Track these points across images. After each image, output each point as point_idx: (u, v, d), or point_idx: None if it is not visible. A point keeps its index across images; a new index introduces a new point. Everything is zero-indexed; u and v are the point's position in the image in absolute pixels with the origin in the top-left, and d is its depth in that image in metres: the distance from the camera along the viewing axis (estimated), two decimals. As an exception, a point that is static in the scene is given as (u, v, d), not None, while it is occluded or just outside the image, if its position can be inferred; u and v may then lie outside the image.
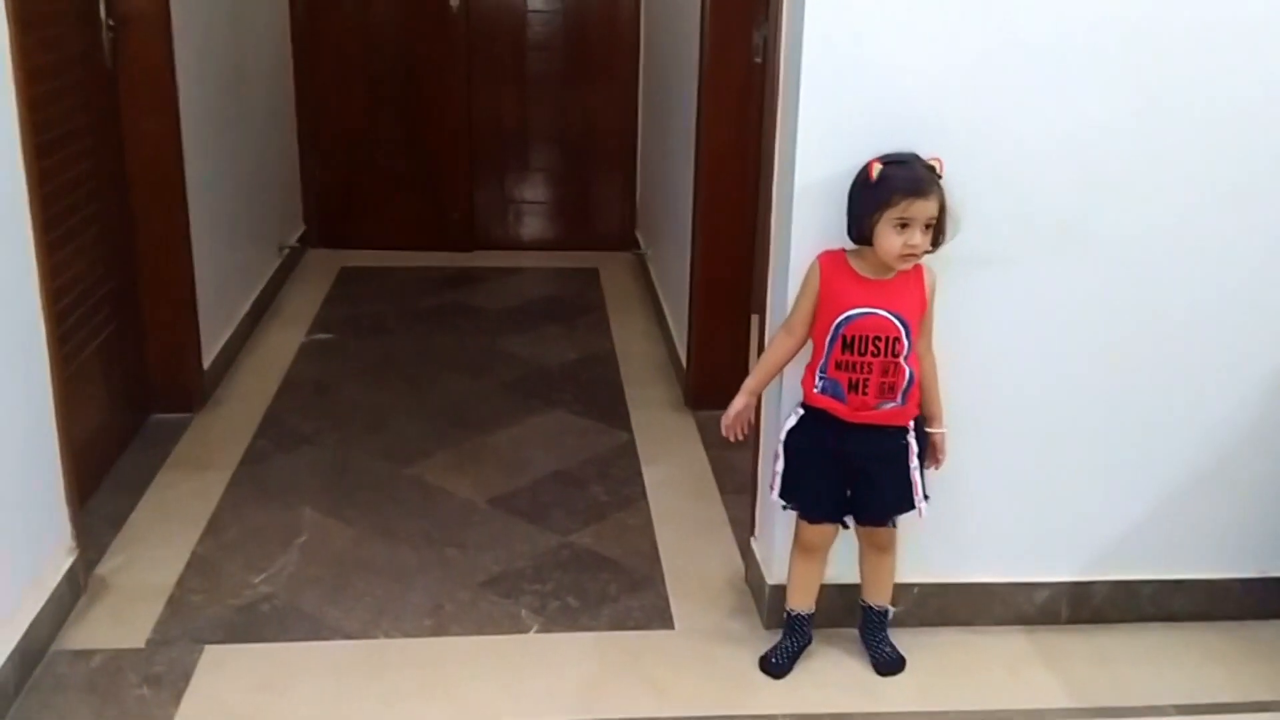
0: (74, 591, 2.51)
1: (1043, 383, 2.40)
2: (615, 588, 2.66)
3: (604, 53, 5.19)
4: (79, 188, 2.91)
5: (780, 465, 2.29)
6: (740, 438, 2.35)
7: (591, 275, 5.02)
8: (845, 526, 2.33)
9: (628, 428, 3.51)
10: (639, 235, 5.18)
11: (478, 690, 2.30)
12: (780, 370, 2.31)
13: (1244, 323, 2.40)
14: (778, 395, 2.40)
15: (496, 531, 2.88)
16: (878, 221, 2.10)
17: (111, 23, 3.09)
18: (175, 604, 2.53)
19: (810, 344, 2.24)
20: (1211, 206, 2.31)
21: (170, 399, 3.43)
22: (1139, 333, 2.39)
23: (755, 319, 2.61)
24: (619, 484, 3.16)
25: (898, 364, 2.16)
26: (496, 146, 5.27)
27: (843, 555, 2.40)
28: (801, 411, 2.27)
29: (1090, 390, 2.41)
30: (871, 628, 2.42)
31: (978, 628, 2.53)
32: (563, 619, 2.53)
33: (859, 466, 2.24)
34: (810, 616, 2.41)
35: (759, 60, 3.17)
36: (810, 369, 2.24)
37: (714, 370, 3.54)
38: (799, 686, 2.35)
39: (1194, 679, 2.41)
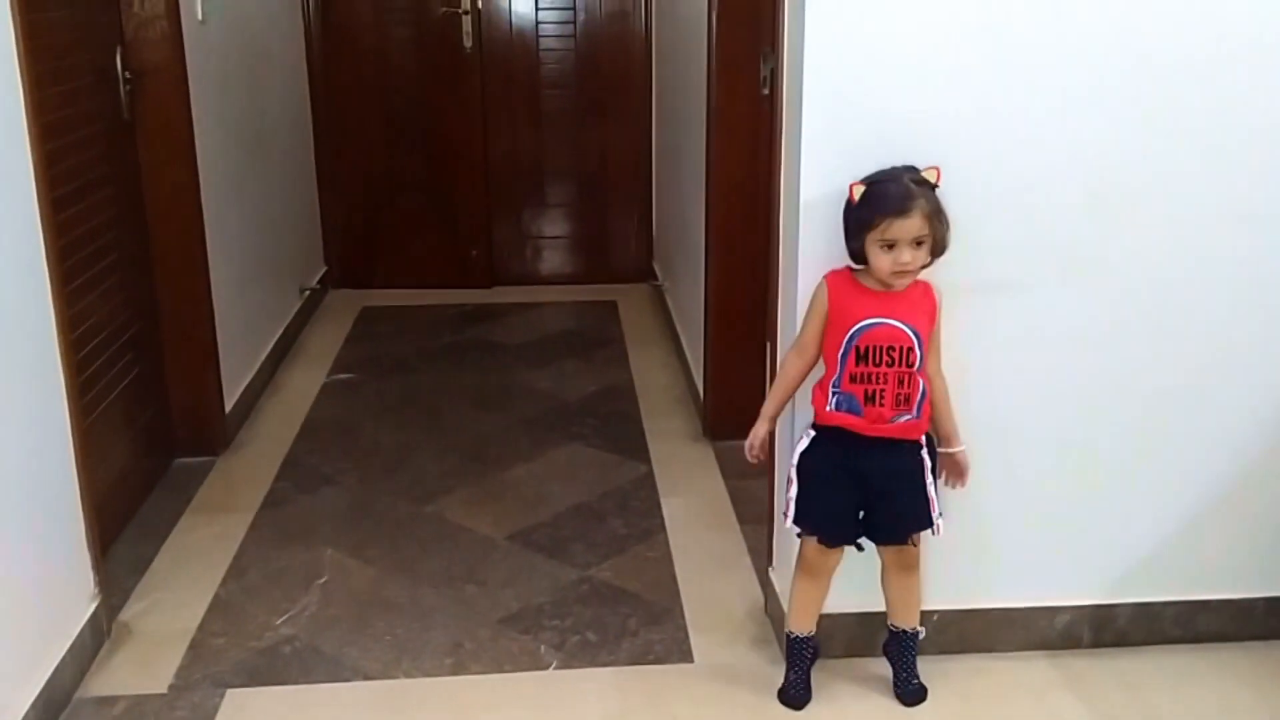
0: (97, 638, 2.53)
1: (1059, 406, 2.39)
2: (635, 621, 2.66)
3: (617, 88, 5.23)
4: (99, 237, 2.96)
5: (794, 491, 2.27)
6: (763, 461, 2.35)
7: (610, 308, 5.05)
8: (860, 549, 2.32)
9: (646, 460, 3.52)
10: (656, 267, 5.20)
11: (497, 728, 2.31)
12: (794, 391, 2.30)
13: (1260, 342, 2.39)
14: (789, 420, 2.40)
15: (516, 567, 2.89)
16: (865, 243, 2.12)
17: (128, 76, 3.15)
18: (197, 648, 2.55)
19: (820, 363, 2.25)
20: (1222, 227, 2.30)
21: (193, 443, 3.47)
22: (1155, 354, 2.38)
23: (769, 346, 2.61)
24: (638, 516, 3.16)
25: (912, 374, 2.16)
26: (513, 183, 5.31)
27: (861, 581, 2.39)
28: (813, 433, 2.26)
29: (1107, 412, 2.40)
30: (901, 651, 2.40)
31: (999, 654, 2.51)
32: (582, 655, 2.53)
33: (876, 484, 2.23)
34: (812, 639, 2.39)
35: (766, 92, 3.19)
36: (821, 387, 2.23)
37: (732, 400, 3.54)
38: (819, 718, 2.33)
39: (1222, 702, 2.38)
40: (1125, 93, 2.22)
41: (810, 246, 2.27)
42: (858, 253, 2.15)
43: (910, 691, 2.37)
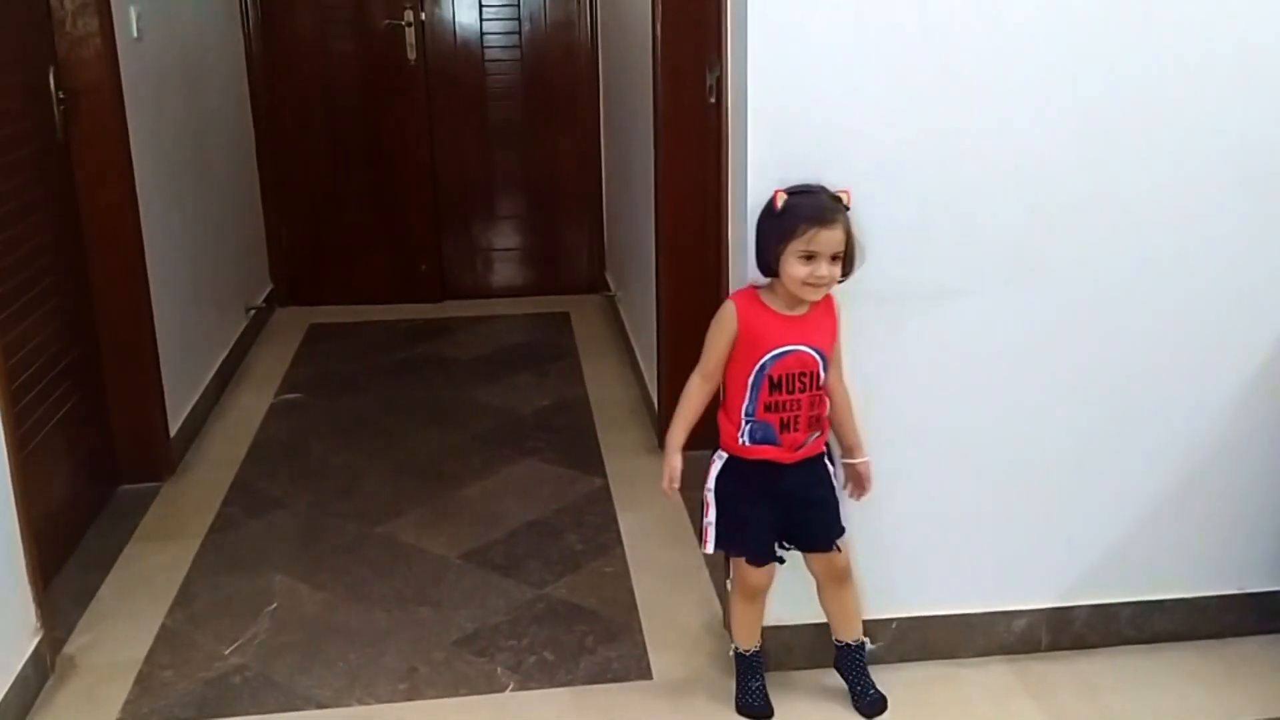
0: (40, 673, 2.46)
1: (1009, 411, 2.39)
2: (592, 639, 2.63)
3: (564, 98, 5.21)
4: (34, 262, 2.90)
5: (713, 515, 2.24)
6: (675, 489, 2.25)
7: (563, 320, 5.02)
8: (782, 561, 2.30)
9: (602, 473, 3.49)
10: (608, 278, 5.18)
11: (454, 754, 2.27)
12: (698, 416, 2.25)
13: (1206, 343, 2.40)
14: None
15: (470, 587, 2.85)
16: (783, 252, 2.09)
17: (62, 95, 3.08)
18: (144, 681, 2.49)
19: (725, 392, 2.21)
20: (1162, 228, 2.32)
21: (138, 469, 3.40)
22: (1104, 357, 2.38)
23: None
24: (594, 531, 3.13)
25: (821, 396, 2.17)
26: (462, 196, 5.27)
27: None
28: (725, 456, 2.23)
29: (1056, 416, 2.40)
30: (851, 665, 2.38)
31: (959, 660, 2.50)
32: (539, 675, 2.50)
33: (797, 498, 2.22)
34: (760, 650, 2.37)
35: (713, 101, 3.17)
36: (729, 415, 2.20)
37: (686, 411, 3.52)
38: (780, 731, 2.32)
39: (1178, 702, 2.39)
40: (1065, 100, 2.22)
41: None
42: (771, 263, 2.12)
43: (869, 703, 2.36)
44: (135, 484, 3.38)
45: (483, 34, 5.11)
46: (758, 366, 2.13)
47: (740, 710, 2.35)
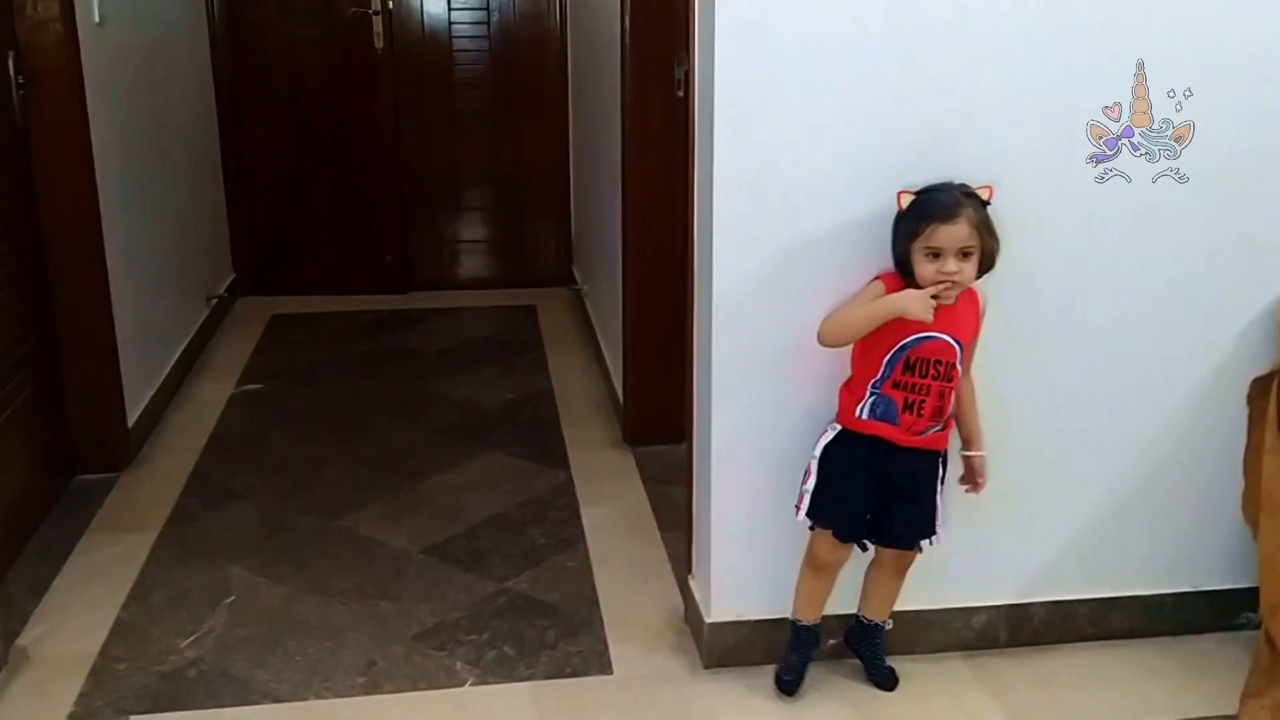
0: (-8, 666, 2.43)
1: (970, 408, 2.40)
2: (553, 634, 2.62)
3: (533, 89, 5.18)
4: (-11, 249, 2.85)
5: (812, 483, 2.24)
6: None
7: (529, 313, 5.00)
8: (864, 549, 2.31)
9: (566, 467, 3.48)
10: (575, 271, 5.17)
11: (412, 749, 2.26)
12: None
13: (1163, 341, 2.42)
14: (706, 429, 2.38)
15: (431, 582, 2.83)
16: (911, 252, 2.09)
17: (21, 81, 3.03)
18: (99, 674, 2.46)
19: (850, 364, 2.22)
20: (1124, 235, 2.33)
21: (95, 459, 3.35)
22: (1057, 354, 2.40)
23: (690, 350, 2.56)
24: (557, 526, 3.12)
25: (950, 388, 2.17)
26: (428, 186, 5.23)
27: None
28: (839, 427, 2.23)
29: (1013, 413, 2.41)
30: (869, 642, 2.43)
31: (917, 655, 2.51)
32: (499, 669, 2.49)
33: (897, 487, 2.22)
34: (816, 627, 2.38)
35: (681, 94, 3.16)
36: (851, 390, 2.21)
37: (651, 406, 3.52)
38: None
39: (1134, 698, 2.42)
40: (1033, 97, 2.23)
41: (724, 250, 2.25)
42: (902, 261, 2.12)
43: (885, 675, 2.40)
44: (92, 474, 3.34)
45: (451, 24, 5.08)
46: (899, 345, 2.12)
47: (775, 681, 2.38)
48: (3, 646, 2.48)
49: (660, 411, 3.50)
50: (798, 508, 2.27)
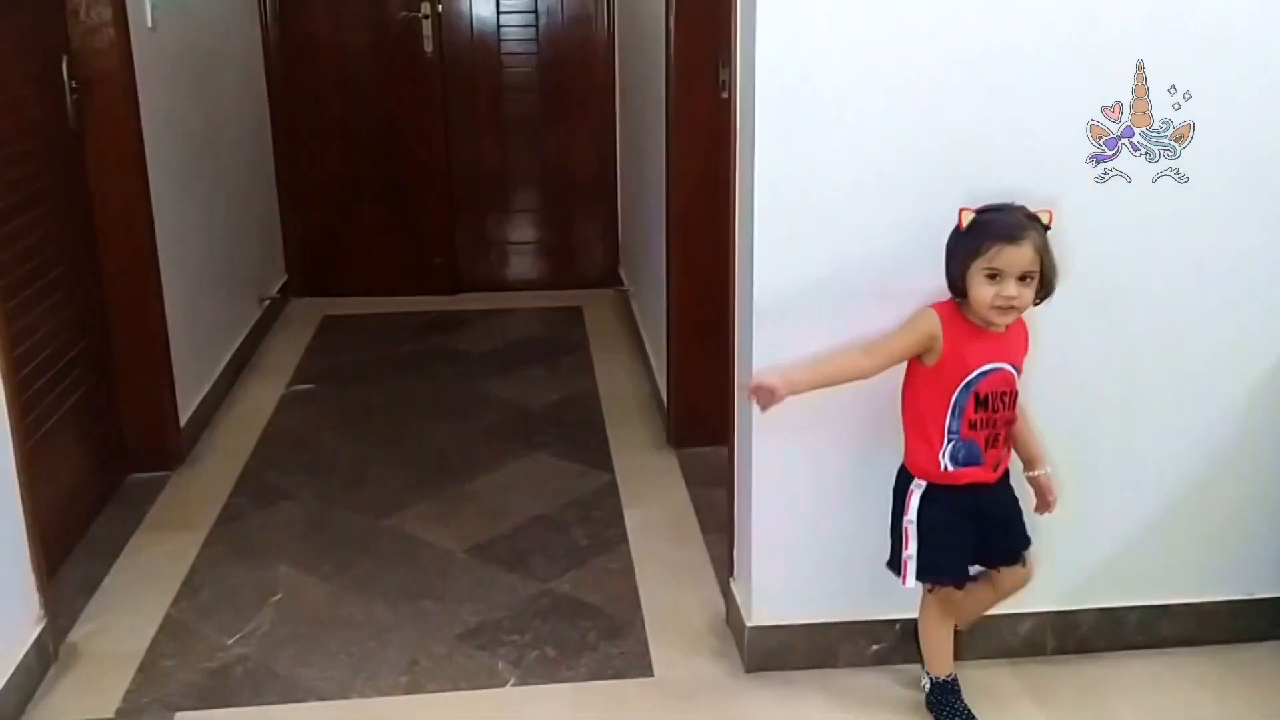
0: (43, 661, 2.47)
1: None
2: (595, 635, 2.62)
3: (580, 92, 5.19)
4: (43, 251, 2.90)
5: (913, 549, 2.17)
6: (759, 406, 2.16)
7: (575, 314, 5.01)
8: (974, 580, 2.27)
9: (610, 469, 3.48)
10: (622, 272, 5.17)
11: (452, 748, 2.27)
12: (831, 384, 2.14)
13: (1226, 343, 2.37)
14: (747, 432, 2.37)
15: (475, 581, 2.85)
16: (969, 271, 2.03)
17: (75, 84, 3.08)
18: (147, 670, 2.49)
19: (916, 411, 2.15)
20: (1176, 232, 2.29)
21: (147, 458, 3.41)
22: (1113, 356, 2.36)
23: (732, 353, 2.54)
24: (600, 527, 3.12)
25: (1015, 415, 2.15)
26: (477, 189, 5.26)
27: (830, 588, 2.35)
28: (925, 484, 2.17)
29: (1066, 415, 2.37)
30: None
31: (963, 662, 2.46)
32: (541, 670, 2.49)
33: (994, 518, 2.20)
34: (957, 678, 2.33)
35: (725, 96, 3.15)
36: (928, 440, 2.13)
37: (695, 408, 3.51)
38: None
39: (1183, 708, 2.37)
40: (1080, 95, 2.20)
41: (765, 251, 2.23)
42: (959, 283, 2.07)
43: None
44: (144, 473, 3.39)
45: (499, 27, 5.10)
46: (964, 383, 2.08)
47: None
48: (53, 643, 2.53)
49: (704, 413, 3.48)
50: (903, 576, 2.19)
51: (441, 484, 3.37)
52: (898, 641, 2.46)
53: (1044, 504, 2.28)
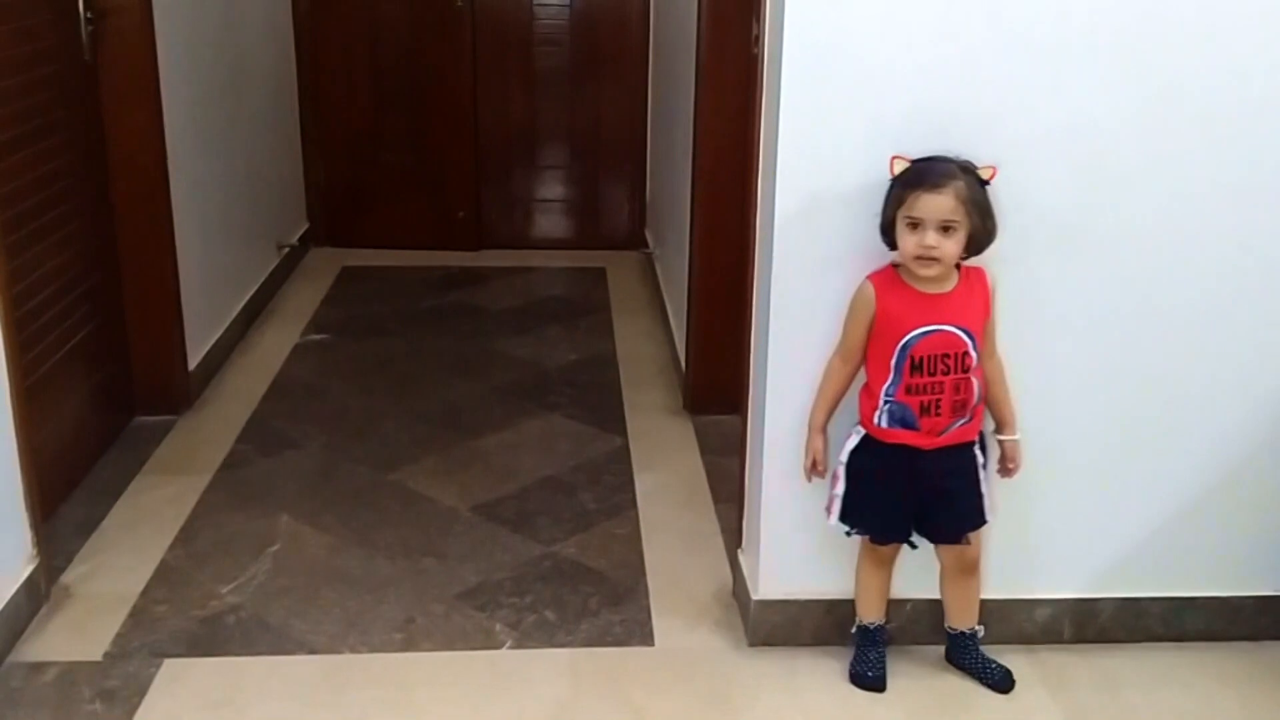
0: (34, 601, 2.43)
1: (1043, 392, 2.27)
2: (596, 601, 2.55)
3: (613, 47, 5.08)
4: (54, 183, 2.84)
5: (841, 488, 2.16)
6: (821, 478, 2.21)
7: (599, 275, 4.92)
8: (914, 547, 2.22)
9: (623, 433, 3.40)
10: (648, 234, 5.07)
11: (442, 710, 2.20)
12: (842, 397, 2.17)
13: (1253, 330, 2.27)
14: (761, 402, 2.29)
15: (477, 541, 2.78)
16: (894, 220, 2.00)
17: (90, 15, 3.01)
18: (138, 615, 2.45)
19: (867, 366, 2.13)
20: (1217, 209, 2.18)
21: (154, 400, 3.36)
22: (1144, 340, 2.26)
23: (750, 320, 2.46)
24: (609, 491, 3.05)
25: (968, 380, 2.06)
26: (503, 144, 5.17)
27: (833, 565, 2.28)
28: (863, 431, 2.14)
29: (1093, 400, 2.28)
30: (966, 653, 2.32)
31: (975, 647, 2.40)
32: (538, 634, 2.43)
33: (933, 485, 2.13)
34: (884, 628, 2.30)
35: (757, 51, 3.05)
36: (869, 393, 2.12)
37: (713, 375, 3.43)
38: (781, 709, 2.23)
39: (1202, 703, 2.28)
40: (1119, 62, 2.09)
41: (786, 214, 2.14)
42: (887, 229, 2.03)
43: (999, 678, 2.29)
44: (151, 416, 3.34)
45: (532, -22, 4.99)
46: (899, 346, 2.04)
47: (852, 678, 2.28)
48: (45, 583, 2.48)
49: (722, 380, 3.39)
50: (828, 511, 2.19)
51: (451, 441, 3.31)
52: (907, 622, 2.38)
53: (1004, 469, 2.23)
